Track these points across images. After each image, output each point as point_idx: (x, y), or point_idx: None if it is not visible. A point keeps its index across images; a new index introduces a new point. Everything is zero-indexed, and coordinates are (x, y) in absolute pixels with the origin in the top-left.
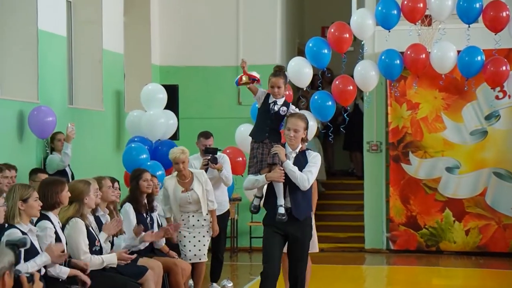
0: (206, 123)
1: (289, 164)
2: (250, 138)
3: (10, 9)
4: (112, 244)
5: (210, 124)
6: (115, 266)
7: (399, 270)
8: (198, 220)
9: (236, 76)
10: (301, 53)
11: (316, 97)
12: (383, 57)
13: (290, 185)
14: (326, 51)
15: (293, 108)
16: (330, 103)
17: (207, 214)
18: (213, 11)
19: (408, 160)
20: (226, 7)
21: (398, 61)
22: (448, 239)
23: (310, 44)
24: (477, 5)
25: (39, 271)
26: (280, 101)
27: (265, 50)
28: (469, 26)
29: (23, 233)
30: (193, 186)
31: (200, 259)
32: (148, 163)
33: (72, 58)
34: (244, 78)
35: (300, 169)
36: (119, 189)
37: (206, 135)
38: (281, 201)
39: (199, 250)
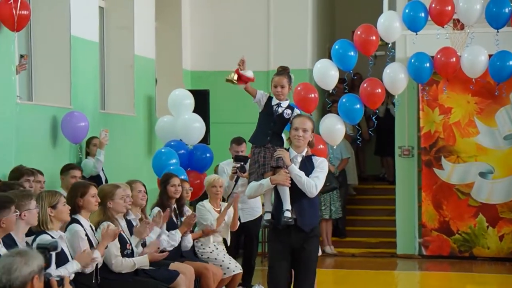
0: (236, 127)
1: (295, 169)
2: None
3: (43, 16)
4: (144, 245)
5: (240, 128)
6: (148, 267)
7: (431, 276)
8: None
9: (268, 81)
10: (329, 56)
11: (344, 100)
12: (412, 60)
13: (294, 192)
14: (352, 53)
15: (297, 111)
16: (358, 106)
17: None
18: (244, 16)
19: (440, 165)
20: (257, 12)
21: (428, 64)
22: (482, 244)
23: (336, 46)
24: (506, 10)
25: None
26: (284, 103)
27: (295, 54)
28: (497, 31)
29: (53, 238)
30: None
31: (240, 269)
32: (172, 167)
33: (104, 64)
34: (231, 76)
35: (307, 175)
36: (146, 193)
37: (238, 141)
38: (287, 205)
39: (231, 261)
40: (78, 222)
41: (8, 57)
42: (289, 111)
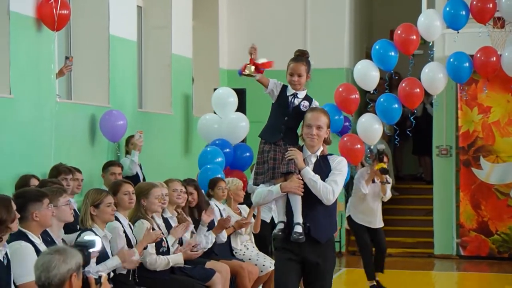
0: None
1: (309, 172)
2: None
3: (82, 15)
4: (181, 244)
5: None
6: (182, 265)
7: (470, 276)
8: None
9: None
10: (369, 57)
11: (382, 99)
12: (451, 60)
13: (308, 199)
14: (393, 53)
15: (316, 104)
16: (396, 105)
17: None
18: (281, 15)
19: (479, 164)
20: (294, 11)
21: (467, 64)
22: None
23: (377, 47)
24: None
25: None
26: (301, 94)
27: (332, 54)
28: None
29: (98, 236)
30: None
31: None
32: (209, 166)
33: (142, 63)
34: (248, 68)
35: (322, 178)
36: (186, 192)
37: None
38: (298, 218)
39: (265, 258)
40: (117, 219)
41: (48, 56)
42: (306, 103)
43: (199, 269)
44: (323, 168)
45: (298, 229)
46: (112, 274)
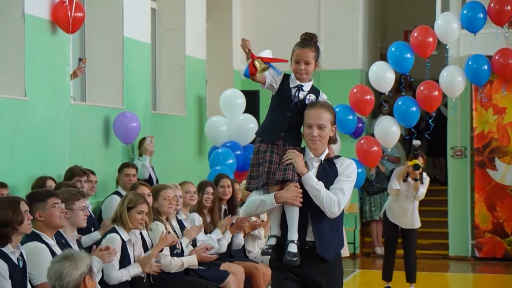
0: None
1: (311, 179)
2: None
3: (96, 18)
4: (195, 245)
5: None
6: (196, 267)
7: (485, 278)
8: None
9: (319, 82)
10: (383, 57)
11: (400, 102)
12: (470, 63)
13: (313, 209)
14: (409, 55)
15: (324, 98)
16: (414, 108)
17: None
18: (295, 17)
19: (494, 166)
20: (308, 12)
21: (486, 67)
22: None
23: (393, 49)
24: None
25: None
26: (307, 86)
27: (346, 55)
28: None
29: (122, 240)
30: None
31: None
32: (218, 167)
33: (155, 65)
34: (257, 65)
35: (327, 185)
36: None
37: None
38: (293, 234)
39: None
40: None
41: (63, 58)
42: (312, 96)
43: (213, 270)
44: (328, 173)
45: (293, 248)
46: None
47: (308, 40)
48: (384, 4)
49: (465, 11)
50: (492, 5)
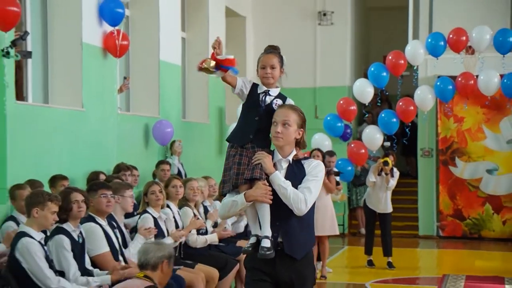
0: None
1: (279, 178)
2: (326, 143)
3: (138, 44)
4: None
5: None
6: (217, 243)
7: (447, 252)
8: None
9: (315, 96)
10: (365, 76)
11: (383, 115)
12: (438, 83)
13: (281, 209)
14: (385, 74)
15: (290, 102)
16: (394, 120)
17: None
18: (296, 42)
19: (454, 163)
20: (307, 38)
21: (450, 87)
22: (488, 228)
23: (372, 68)
24: (511, 39)
25: None
26: (274, 92)
27: (337, 73)
28: (503, 56)
29: (154, 217)
30: None
31: None
32: None
33: (185, 82)
34: (207, 63)
35: (296, 184)
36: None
37: (331, 153)
38: (266, 230)
39: None
40: (168, 207)
41: (112, 77)
42: (279, 101)
43: (231, 246)
44: (296, 173)
45: (266, 243)
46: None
47: (273, 49)
48: (368, 34)
49: (429, 40)
50: (451, 35)
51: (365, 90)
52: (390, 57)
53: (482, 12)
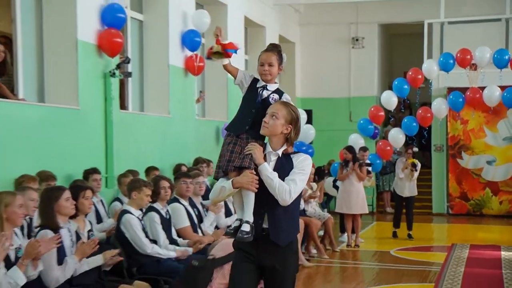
0: (330, 134)
1: (266, 169)
2: (360, 141)
3: (211, 65)
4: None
5: (332, 134)
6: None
7: (455, 227)
8: None
9: (349, 106)
10: (390, 88)
11: (405, 120)
12: (451, 97)
13: (268, 198)
14: (406, 86)
15: (287, 98)
16: (414, 124)
17: None
18: (335, 61)
19: (461, 156)
20: (342, 57)
21: (461, 99)
22: (488, 207)
23: (395, 82)
24: (506, 57)
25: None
26: (272, 87)
27: (367, 85)
28: (501, 70)
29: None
30: None
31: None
32: None
33: None
34: (216, 48)
35: (283, 176)
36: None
37: (364, 149)
38: (248, 215)
39: (320, 212)
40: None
41: (191, 91)
42: (276, 96)
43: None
44: (285, 166)
45: (246, 227)
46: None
47: (272, 47)
48: (391, 55)
49: (441, 58)
50: (458, 55)
51: (390, 99)
52: (410, 73)
53: (483, 36)
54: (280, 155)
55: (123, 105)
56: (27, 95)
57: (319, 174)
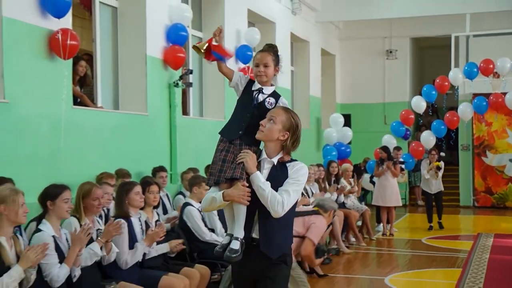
0: (366, 135)
1: (259, 178)
2: (393, 142)
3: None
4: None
5: (369, 135)
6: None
7: (480, 218)
8: None
9: (384, 111)
10: (420, 94)
11: (434, 123)
12: (476, 101)
13: (261, 208)
14: (434, 92)
15: (283, 102)
16: (443, 127)
17: None
18: (371, 71)
19: (486, 155)
20: (377, 65)
21: (485, 103)
22: (511, 200)
23: (425, 88)
24: None
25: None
26: (268, 90)
27: (400, 91)
28: None
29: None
30: None
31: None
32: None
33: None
34: (201, 44)
35: (277, 186)
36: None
37: (398, 148)
38: (238, 231)
39: (359, 204)
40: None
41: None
42: (272, 99)
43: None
44: (279, 175)
45: (235, 245)
46: None
47: (268, 47)
48: (421, 64)
49: (466, 67)
50: (481, 64)
51: (420, 104)
52: (437, 80)
53: (504, 47)
54: (275, 163)
55: (185, 111)
56: (105, 104)
57: (357, 171)
